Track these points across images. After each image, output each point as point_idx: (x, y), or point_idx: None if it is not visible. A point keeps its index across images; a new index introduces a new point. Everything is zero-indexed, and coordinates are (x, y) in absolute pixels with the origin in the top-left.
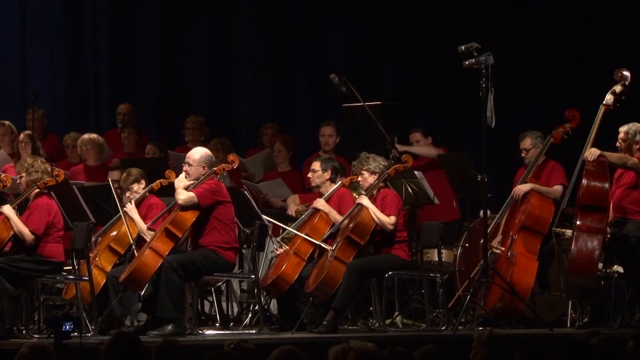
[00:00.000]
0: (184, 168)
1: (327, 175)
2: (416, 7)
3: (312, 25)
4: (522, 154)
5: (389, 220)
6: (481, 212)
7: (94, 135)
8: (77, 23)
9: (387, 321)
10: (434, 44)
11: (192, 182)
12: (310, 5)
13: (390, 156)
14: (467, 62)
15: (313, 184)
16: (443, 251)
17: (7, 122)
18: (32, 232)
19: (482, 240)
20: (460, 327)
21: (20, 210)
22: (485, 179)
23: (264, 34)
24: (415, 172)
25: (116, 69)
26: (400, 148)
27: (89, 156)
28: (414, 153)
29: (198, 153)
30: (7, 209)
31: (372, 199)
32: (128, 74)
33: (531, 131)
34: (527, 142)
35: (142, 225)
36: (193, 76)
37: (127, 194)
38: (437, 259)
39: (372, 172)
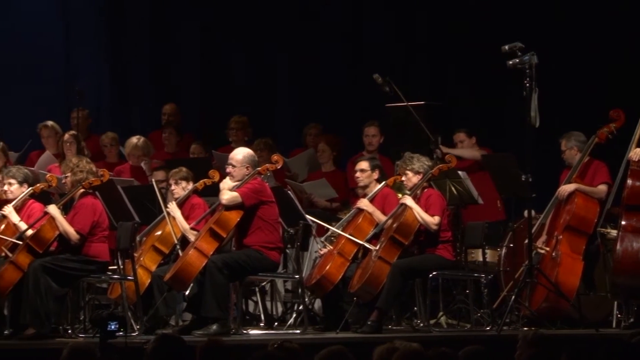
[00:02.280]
0: (228, 169)
1: (375, 175)
2: (459, 6)
3: (353, 25)
4: (562, 155)
5: (432, 220)
6: (526, 212)
7: (143, 140)
8: (120, 24)
9: (432, 321)
10: (477, 44)
11: (236, 183)
12: (349, 5)
13: (434, 156)
14: (511, 62)
15: (361, 184)
16: (487, 251)
17: (50, 123)
18: (77, 232)
19: (526, 241)
20: (505, 328)
21: (65, 210)
22: (530, 179)
23: (305, 34)
24: (459, 172)
25: (160, 69)
26: (444, 150)
27: (137, 161)
28: (457, 155)
29: (241, 154)
30: (53, 209)
31: (416, 199)
32: (171, 74)
33: (570, 132)
34: (562, 144)
35: (185, 224)
36: (237, 76)
37: (173, 187)
38: (481, 259)
39: (416, 172)
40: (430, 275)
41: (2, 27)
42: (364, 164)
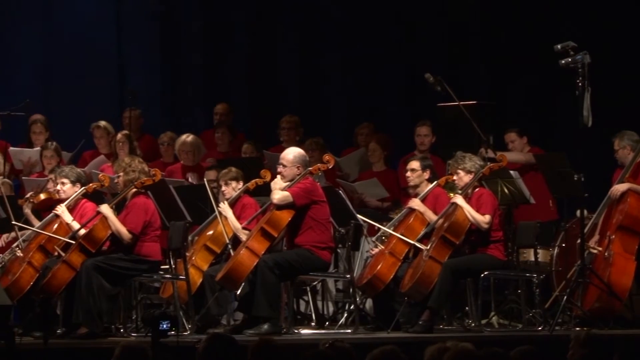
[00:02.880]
0: (279, 169)
1: (426, 174)
2: (511, 5)
3: (405, 24)
4: (614, 154)
5: (483, 219)
6: (578, 212)
7: (192, 138)
8: (172, 24)
9: (483, 321)
10: (529, 43)
11: (287, 183)
12: (399, 4)
13: (485, 156)
14: (563, 61)
15: (411, 183)
16: (539, 251)
17: (102, 124)
18: (129, 231)
19: (579, 240)
20: (557, 328)
21: (117, 209)
22: (582, 179)
23: (357, 33)
24: (511, 172)
25: (211, 69)
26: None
27: (188, 159)
28: (510, 160)
29: (292, 153)
30: (105, 209)
31: (468, 198)
32: (223, 74)
33: (623, 131)
34: (615, 143)
35: (237, 224)
36: (288, 76)
37: (223, 188)
38: (533, 259)
39: (468, 171)
40: (482, 275)
41: (57, 29)
42: (414, 164)
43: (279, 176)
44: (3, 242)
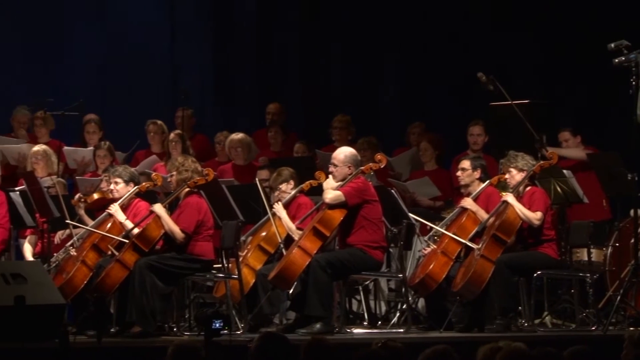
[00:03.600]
0: (330, 168)
1: (477, 174)
2: (564, 4)
3: (458, 23)
4: None
5: (535, 215)
6: (632, 212)
7: (242, 135)
8: (224, 24)
9: (536, 321)
10: (582, 42)
11: (339, 182)
12: (454, 4)
13: (539, 155)
14: (617, 60)
15: (462, 183)
16: (593, 251)
17: (159, 122)
18: (182, 231)
19: (632, 240)
20: (610, 328)
21: (170, 209)
22: (636, 178)
23: (410, 33)
24: (564, 170)
25: (263, 68)
26: (550, 150)
27: (238, 156)
28: (563, 156)
29: (343, 153)
30: (158, 208)
31: (520, 197)
32: (275, 74)
33: None
34: None
35: (291, 224)
36: (340, 75)
37: (276, 193)
38: (586, 259)
39: (520, 170)
40: (535, 275)
41: (110, 30)
42: (465, 163)
43: (331, 176)
44: (58, 238)
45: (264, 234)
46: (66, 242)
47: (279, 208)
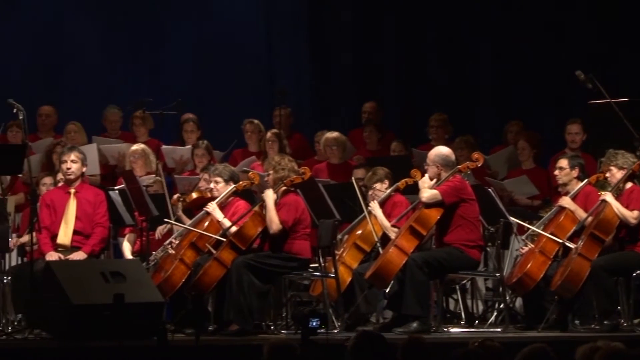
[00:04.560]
0: (425, 167)
1: (575, 172)
2: None
3: (556, 19)
4: None
5: (631, 214)
6: None
7: (337, 134)
8: (320, 23)
9: (635, 321)
10: None
11: (435, 181)
12: (551, 3)
13: (637, 153)
14: None
15: (560, 182)
16: None
17: (255, 121)
18: (280, 222)
19: None
20: None
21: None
22: None
23: (508, 29)
24: None
25: (360, 67)
26: None
27: (333, 155)
28: None
29: (434, 153)
30: (269, 193)
31: (619, 195)
32: (372, 72)
33: None
34: None
35: (386, 223)
36: (437, 73)
37: (370, 192)
38: None
39: (620, 168)
40: (634, 274)
41: (208, 30)
42: (563, 162)
43: (427, 175)
44: (159, 234)
45: (359, 232)
46: (167, 238)
47: (374, 206)
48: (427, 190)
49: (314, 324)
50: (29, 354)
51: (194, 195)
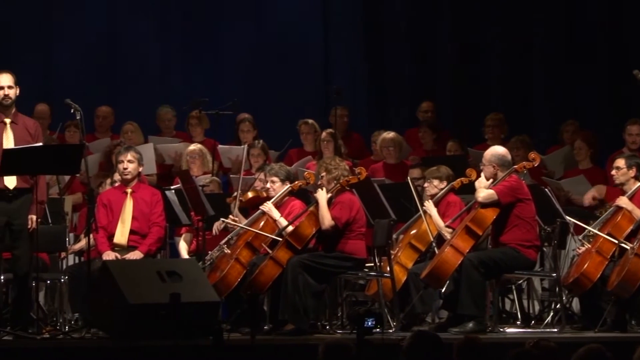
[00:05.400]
0: (481, 167)
1: (632, 172)
2: None
3: (612, 21)
4: None
5: None
6: None
7: (393, 134)
8: (376, 23)
9: None
10: None
11: (491, 181)
12: (606, 2)
13: None
14: None
15: (616, 181)
16: None
17: (310, 121)
18: (332, 219)
19: None
20: None
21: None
22: None
23: (563, 31)
24: None
25: (415, 67)
26: None
27: (390, 155)
28: None
29: (489, 152)
30: (322, 193)
31: None
32: (428, 72)
33: None
34: None
35: (441, 222)
36: (493, 73)
37: (426, 185)
38: None
39: None
40: None
41: (263, 29)
42: (620, 162)
43: (482, 174)
44: (217, 230)
45: (414, 231)
46: (222, 237)
47: (429, 206)
48: (484, 190)
49: (370, 323)
50: (86, 353)
51: (250, 194)
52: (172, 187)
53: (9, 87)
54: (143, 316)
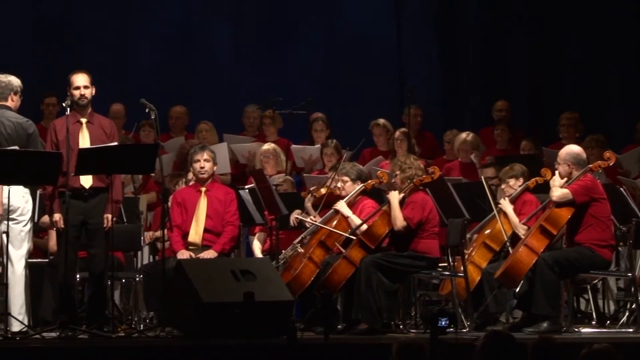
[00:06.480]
0: (556, 166)
1: None
2: None
3: None
4: None
5: None
6: None
7: (471, 136)
8: (450, 23)
9: None
10: None
11: (566, 180)
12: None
13: None
14: None
15: None
16: None
17: (381, 121)
18: (405, 219)
19: None
20: None
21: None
22: None
23: (638, 31)
24: None
25: (490, 66)
26: None
27: (465, 157)
28: None
29: (564, 151)
30: (394, 195)
31: None
32: (502, 71)
33: None
34: None
35: (516, 220)
36: (569, 71)
37: (503, 186)
38: None
39: None
40: None
41: (337, 29)
42: None
43: (557, 173)
44: (294, 222)
45: (488, 231)
46: (296, 236)
47: (505, 203)
48: (558, 190)
49: (443, 323)
50: (160, 351)
51: (323, 190)
52: (246, 186)
53: (85, 87)
54: (217, 315)
